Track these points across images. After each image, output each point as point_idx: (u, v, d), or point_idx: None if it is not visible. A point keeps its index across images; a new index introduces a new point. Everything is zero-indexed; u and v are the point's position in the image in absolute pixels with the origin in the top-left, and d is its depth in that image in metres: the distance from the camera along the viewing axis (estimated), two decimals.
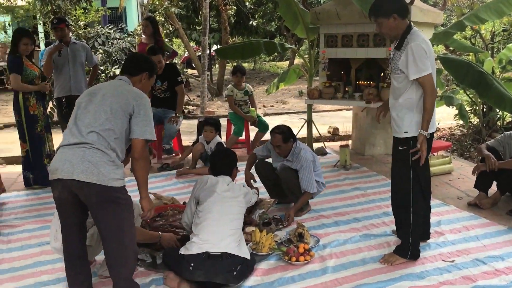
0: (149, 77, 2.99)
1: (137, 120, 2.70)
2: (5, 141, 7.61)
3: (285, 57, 22.75)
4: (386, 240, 3.73)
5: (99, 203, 2.61)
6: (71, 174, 2.55)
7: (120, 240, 2.69)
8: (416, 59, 3.05)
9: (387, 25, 3.17)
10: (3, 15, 20.11)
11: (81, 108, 2.74)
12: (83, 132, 2.62)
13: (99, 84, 3.01)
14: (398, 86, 3.21)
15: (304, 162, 4.14)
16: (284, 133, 4.22)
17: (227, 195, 3.29)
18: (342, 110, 10.55)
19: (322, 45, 5.97)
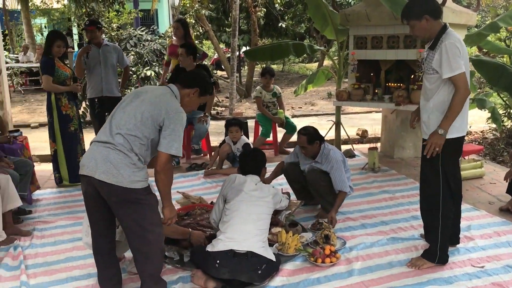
0: (199, 95, 2.95)
1: (165, 134, 2.70)
2: (40, 140, 7.84)
3: (314, 58, 22.65)
4: (414, 244, 3.68)
5: (118, 203, 2.69)
6: (94, 172, 2.64)
7: (144, 237, 2.75)
8: (450, 57, 3.00)
9: (420, 27, 3.14)
10: (40, 17, 20.75)
11: (121, 107, 2.81)
12: (113, 132, 2.71)
13: (149, 86, 3.07)
14: (430, 87, 3.17)
15: (334, 163, 4.11)
16: (310, 134, 4.19)
17: (255, 195, 3.32)
18: (371, 112, 10.45)
19: (351, 47, 5.94)
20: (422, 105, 3.29)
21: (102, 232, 2.89)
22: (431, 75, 3.15)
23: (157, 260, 2.86)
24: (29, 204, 4.72)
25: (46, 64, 5.04)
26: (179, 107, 2.81)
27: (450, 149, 3.17)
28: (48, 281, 3.30)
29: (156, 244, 2.82)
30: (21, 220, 4.38)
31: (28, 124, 9.55)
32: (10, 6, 18.83)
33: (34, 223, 4.34)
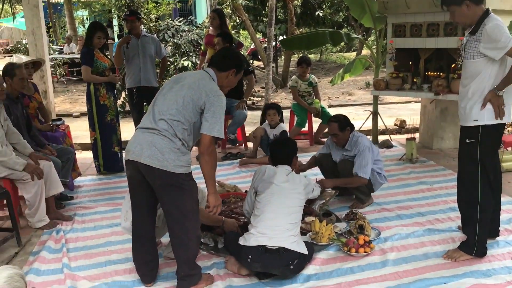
0: (236, 74, 3.00)
1: (207, 116, 2.75)
2: (81, 129, 8.07)
3: (352, 48, 22.30)
4: (451, 236, 3.62)
5: (162, 186, 2.76)
6: (139, 157, 2.73)
7: (182, 223, 2.82)
8: (498, 35, 2.91)
9: (460, 12, 3.06)
10: (82, 9, 21.28)
11: (162, 93, 2.87)
12: (156, 118, 2.78)
13: (187, 72, 3.08)
14: (472, 73, 3.08)
15: (361, 147, 4.10)
16: (340, 121, 4.20)
17: (286, 186, 3.22)
18: (410, 102, 10.23)
19: (389, 35, 5.83)
20: (461, 92, 3.21)
21: (144, 216, 2.97)
22: (473, 60, 3.06)
23: (193, 246, 2.93)
24: (71, 190, 4.90)
25: (86, 55, 5.17)
26: (218, 90, 2.85)
27: (488, 137, 3.09)
28: (88, 264, 3.42)
29: (193, 230, 2.89)
30: (63, 206, 4.55)
31: (70, 114, 9.84)
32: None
33: (75, 208, 4.50)
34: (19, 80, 4.26)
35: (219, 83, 2.94)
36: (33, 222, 3.98)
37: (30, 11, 6.14)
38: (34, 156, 4.05)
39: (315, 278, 3.10)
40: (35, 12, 6.16)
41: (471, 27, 3.09)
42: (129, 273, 3.26)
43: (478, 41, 3.01)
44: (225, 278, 3.13)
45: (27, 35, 6.28)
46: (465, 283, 2.94)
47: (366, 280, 3.06)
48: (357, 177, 4.08)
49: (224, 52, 3.14)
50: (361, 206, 4.24)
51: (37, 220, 3.97)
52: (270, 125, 5.78)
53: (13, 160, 3.78)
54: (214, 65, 2.98)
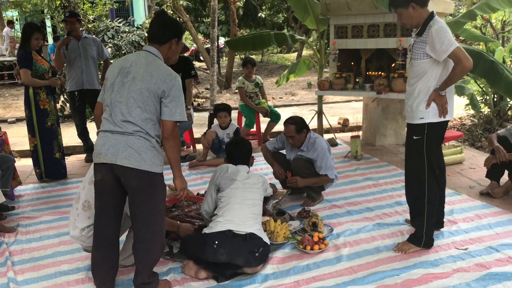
0: (177, 43, 2.86)
1: (166, 102, 2.69)
2: (18, 135, 7.70)
3: (292, 49, 22.70)
4: (399, 229, 3.76)
5: (137, 188, 2.70)
6: (115, 159, 2.66)
7: (151, 227, 2.78)
8: (442, 38, 3.06)
9: (407, 14, 3.21)
10: (12, 9, 20.26)
11: (115, 91, 2.73)
12: (120, 119, 2.68)
13: (130, 57, 2.81)
14: (418, 73, 3.22)
15: (320, 150, 4.18)
16: (298, 123, 4.24)
17: (248, 182, 3.38)
18: (351, 101, 10.55)
19: (332, 36, 5.99)
20: (408, 91, 3.35)
21: (111, 220, 2.86)
22: (420, 60, 3.20)
23: (158, 252, 2.89)
24: (12, 200, 4.65)
25: (24, 57, 4.94)
26: (171, 71, 2.76)
27: (433, 133, 3.26)
28: (36, 276, 3.26)
29: (160, 235, 2.86)
30: (4, 217, 4.31)
31: (5, 119, 9.35)
32: None
33: (18, 219, 4.27)
34: None
35: (163, 56, 2.83)
36: None
37: None
38: None
39: (273, 277, 3.12)
40: None
41: (418, 28, 3.24)
42: (82, 283, 3.14)
43: (424, 42, 3.16)
44: (183, 283, 3.09)
45: None
46: (416, 274, 3.07)
47: (323, 276, 3.12)
48: (326, 177, 4.22)
49: (159, 22, 2.85)
50: (312, 203, 4.32)
51: None
52: (221, 126, 5.77)
53: None
54: (154, 39, 2.82)
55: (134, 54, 2.83)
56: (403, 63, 5.35)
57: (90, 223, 3.09)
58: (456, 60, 3.07)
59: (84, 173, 3.91)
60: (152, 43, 2.83)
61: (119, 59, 2.86)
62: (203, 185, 4.95)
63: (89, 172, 3.19)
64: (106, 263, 2.91)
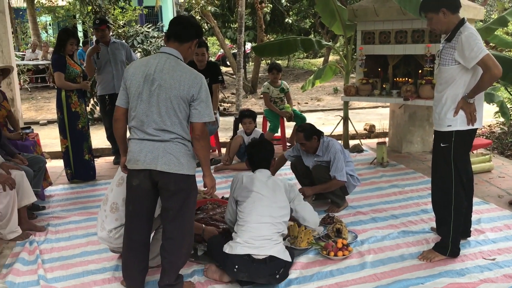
0: (197, 44, 2.87)
1: (195, 104, 2.72)
2: (49, 137, 7.91)
3: (319, 54, 22.65)
4: (424, 237, 3.72)
5: (174, 191, 2.78)
6: (155, 165, 2.72)
7: (182, 227, 2.85)
8: (472, 45, 3.01)
9: (437, 20, 3.18)
10: (45, 15, 20.82)
11: (144, 101, 2.72)
12: (156, 130, 2.71)
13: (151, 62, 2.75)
14: (446, 79, 3.19)
15: (333, 153, 4.19)
16: (306, 130, 4.26)
17: (267, 194, 3.18)
18: (378, 107, 10.47)
19: (359, 42, 5.97)
20: (435, 98, 3.32)
21: (144, 225, 2.94)
22: (449, 67, 3.16)
23: (187, 254, 2.96)
24: (42, 200, 4.78)
25: (58, 61, 5.08)
26: (197, 73, 2.75)
27: (461, 141, 3.21)
28: (64, 275, 3.35)
29: (189, 235, 2.93)
30: (35, 216, 4.44)
31: (37, 121, 9.61)
32: (15, 4, 18.91)
33: (48, 218, 4.40)
34: None
35: (182, 56, 2.81)
36: (4, 233, 3.86)
37: None
38: (5, 166, 3.93)
39: (296, 282, 3.13)
40: (1, 18, 6.00)
41: (447, 34, 3.21)
42: (108, 282, 3.21)
43: (453, 48, 3.13)
44: (207, 286, 3.13)
45: None
46: (441, 283, 3.03)
47: (346, 283, 3.11)
48: (335, 180, 4.18)
49: (184, 21, 2.83)
50: (336, 210, 4.31)
51: (9, 231, 3.86)
52: (245, 132, 5.82)
53: None
54: (176, 37, 2.78)
55: (154, 57, 2.79)
56: (431, 70, 5.30)
57: (118, 224, 3.17)
58: (485, 67, 3.02)
59: (112, 175, 4.00)
60: (172, 42, 2.79)
61: (139, 62, 2.82)
62: (228, 189, 4.97)
63: (117, 174, 3.27)
64: (138, 264, 2.97)
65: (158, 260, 3.14)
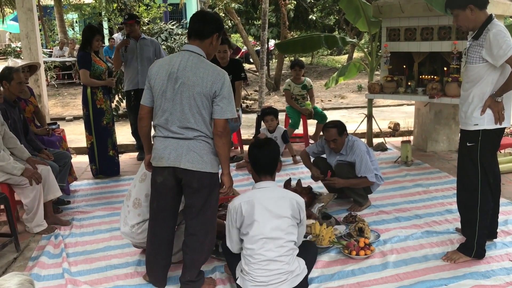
0: (218, 38, 2.84)
1: (217, 101, 2.72)
2: (74, 133, 8.05)
3: (343, 51, 22.47)
4: (449, 238, 3.65)
5: (197, 189, 2.79)
6: (179, 163, 2.75)
7: (205, 224, 2.87)
8: (500, 43, 2.93)
9: (464, 16, 3.10)
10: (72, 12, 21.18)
11: (168, 99, 2.73)
12: (180, 127, 2.74)
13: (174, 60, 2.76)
14: (473, 77, 3.11)
15: (359, 152, 4.15)
16: (338, 126, 4.21)
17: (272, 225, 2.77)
18: (403, 105, 10.33)
19: (384, 39, 5.89)
20: (462, 96, 3.25)
21: (168, 221, 2.97)
22: (476, 65, 3.09)
23: (209, 250, 2.97)
24: (67, 195, 4.86)
25: (84, 58, 5.15)
26: (219, 70, 2.76)
27: (488, 140, 3.14)
28: (88, 269, 3.40)
29: (212, 231, 2.94)
30: (60, 210, 4.53)
31: (63, 117, 9.79)
32: (43, 2, 19.29)
33: (72, 213, 4.48)
34: (17, 84, 4.24)
35: (205, 53, 2.80)
36: (31, 227, 3.95)
37: (24, 14, 6.11)
38: (32, 160, 4.02)
39: (317, 281, 3.12)
40: (29, 16, 6.13)
41: (474, 31, 3.13)
42: (131, 277, 3.25)
43: (481, 46, 3.05)
44: (228, 282, 3.14)
45: (21, 38, 6.24)
46: (465, 285, 2.98)
47: (368, 283, 3.08)
48: (366, 179, 4.16)
49: (201, 17, 2.82)
50: (359, 208, 4.27)
51: (35, 225, 3.95)
52: (268, 130, 5.82)
53: (11, 165, 3.75)
54: (196, 34, 2.78)
55: (177, 56, 2.79)
56: (457, 67, 5.19)
57: (140, 220, 3.20)
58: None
59: (135, 171, 4.04)
60: (193, 40, 2.79)
61: (162, 61, 2.83)
62: (249, 186, 4.97)
63: (140, 170, 3.30)
64: (162, 260, 3.00)
65: (179, 256, 3.17)
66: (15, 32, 22.34)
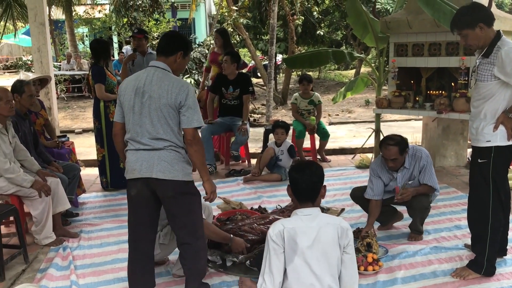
0: (183, 56, 2.95)
1: (183, 111, 2.80)
2: (83, 145, 8.11)
3: (350, 66, 22.53)
4: (458, 254, 3.63)
5: (174, 197, 2.85)
6: (151, 173, 2.80)
7: (195, 232, 2.91)
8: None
9: (474, 36, 3.05)
10: (82, 26, 21.48)
11: (136, 113, 2.83)
12: (150, 139, 2.81)
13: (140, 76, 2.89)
14: (485, 94, 3.08)
15: (425, 157, 3.79)
16: (400, 143, 3.69)
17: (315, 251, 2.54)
18: (410, 120, 10.32)
19: (392, 54, 5.91)
20: (473, 113, 3.22)
21: (148, 235, 2.97)
22: (486, 82, 3.05)
23: (204, 256, 3.01)
24: (76, 207, 4.88)
25: (99, 73, 5.21)
26: (183, 82, 2.89)
27: (500, 157, 3.10)
28: (96, 281, 3.41)
29: (202, 238, 2.98)
30: (69, 222, 4.55)
31: (72, 130, 9.87)
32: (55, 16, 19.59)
33: (81, 225, 4.50)
34: (27, 97, 4.30)
35: (171, 68, 2.91)
36: (39, 239, 3.97)
37: (36, 28, 6.21)
38: (42, 173, 4.06)
39: None
40: (41, 30, 6.23)
41: (483, 49, 3.09)
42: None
43: (492, 64, 3.01)
44: None
45: (33, 52, 6.35)
46: None
47: None
48: (430, 187, 3.83)
49: (167, 37, 3.02)
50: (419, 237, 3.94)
51: (43, 237, 3.97)
52: (276, 143, 5.83)
53: (21, 177, 3.79)
54: (161, 52, 2.93)
55: (143, 72, 2.91)
56: (465, 82, 5.19)
57: None
58: None
59: None
60: (159, 56, 2.93)
61: (130, 78, 2.97)
62: (257, 200, 5.01)
63: None
64: (143, 276, 2.99)
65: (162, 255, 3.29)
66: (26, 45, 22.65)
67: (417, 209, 3.86)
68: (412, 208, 3.90)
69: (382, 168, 3.88)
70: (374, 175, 3.91)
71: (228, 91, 6.08)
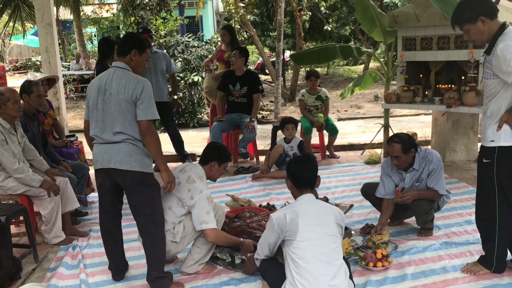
0: (139, 53, 3.13)
1: (138, 104, 2.98)
2: None
3: (359, 61, 22.40)
4: (468, 249, 3.60)
5: (133, 187, 3.10)
6: (109, 163, 3.06)
7: (154, 221, 3.13)
8: (508, 59, 2.76)
9: (476, 30, 2.92)
10: (90, 26, 21.57)
11: (99, 109, 3.07)
12: (111, 133, 3.04)
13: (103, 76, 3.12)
14: (490, 92, 2.98)
15: (436, 161, 3.73)
16: (404, 142, 3.68)
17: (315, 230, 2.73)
18: (420, 115, 10.23)
19: (400, 48, 5.86)
20: (482, 110, 3.14)
21: (112, 217, 3.35)
22: (490, 80, 2.95)
23: (164, 244, 3.20)
24: (85, 206, 4.91)
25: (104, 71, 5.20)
26: (139, 78, 3.05)
27: (505, 158, 2.97)
28: (105, 280, 3.43)
29: (162, 227, 3.18)
30: (78, 221, 4.57)
31: (81, 130, 9.88)
32: (63, 16, 19.69)
33: (90, 224, 4.52)
34: (36, 97, 4.32)
35: (130, 67, 3.11)
36: (49, 238, 4.00)
37: (44, 29, 6.23)
38: (51, 172, 4.08)
39: None
40: (49, 30, 6.25)
41: (487, 45, 2.97)
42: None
43: (491, 61, 2.90)
44: None
45: (41, 52, 6.36)
46: None
47: None
48: (436, 193, 3.77)
49: (122, 39, 3.25)
50: (429, 233, 3.91)
51: (53, 236, 3.99)
52: (285, 140, 5.81)
53: (30, 177, 3.81)
54: (119, 53, 3.15)
55: (105, 73, 3.13)
56: (474, 76, 5.14)
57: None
58: None
59: None
60: (119, 57, 3.16)
61: (94, 80, 3.19)
62: (265, 197, 4.99)
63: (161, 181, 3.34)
64: (112, 253, 3.39)
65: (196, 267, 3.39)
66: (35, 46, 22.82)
67: (416, 213, 3.87)
68: (411, 211, 3.93)
69: (392, 168, 3.88)
70: (385, 174, 3.91)
71: (236, 87, 6.06)
